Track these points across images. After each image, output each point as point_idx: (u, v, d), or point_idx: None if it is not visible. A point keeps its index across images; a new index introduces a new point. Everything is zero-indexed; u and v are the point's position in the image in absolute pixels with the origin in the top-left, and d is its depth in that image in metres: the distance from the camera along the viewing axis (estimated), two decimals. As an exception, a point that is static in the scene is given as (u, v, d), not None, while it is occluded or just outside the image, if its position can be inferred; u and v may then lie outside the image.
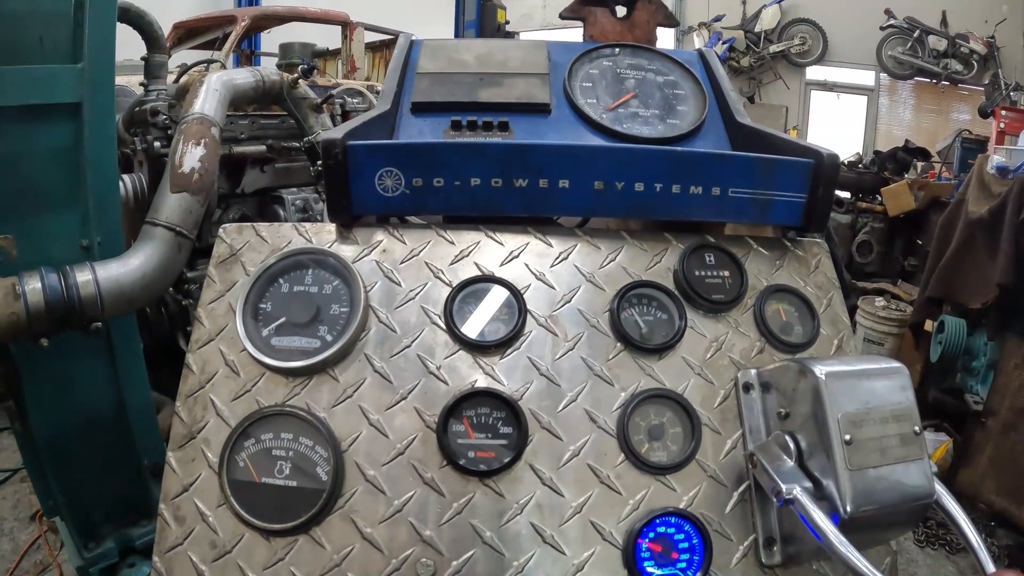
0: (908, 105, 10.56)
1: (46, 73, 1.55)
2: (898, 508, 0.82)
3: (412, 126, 1.22)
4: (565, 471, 0.95)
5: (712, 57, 1.41)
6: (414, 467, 0.93)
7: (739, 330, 1.07)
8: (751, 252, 1.13)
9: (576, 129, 1.24)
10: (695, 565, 0.92)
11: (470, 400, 0.96)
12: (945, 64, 9.44)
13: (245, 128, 2.73)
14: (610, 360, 1.02)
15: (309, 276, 1.02)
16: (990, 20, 9.13)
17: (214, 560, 0.89)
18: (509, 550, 0.90)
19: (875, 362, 0.89)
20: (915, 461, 0.83)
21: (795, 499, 0.82)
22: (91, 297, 1.53)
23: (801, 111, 10.92)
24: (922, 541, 3.20)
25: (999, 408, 3.22)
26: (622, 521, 0.93)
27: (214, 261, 1.06)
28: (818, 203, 1.10)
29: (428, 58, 1.33)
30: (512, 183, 1.04)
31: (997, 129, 6.86)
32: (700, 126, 1.26)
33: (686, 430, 0.99)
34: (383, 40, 6.58)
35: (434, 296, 1.03)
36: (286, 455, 0.92)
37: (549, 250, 1.09)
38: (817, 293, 1.12)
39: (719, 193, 1.07)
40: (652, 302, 1.07)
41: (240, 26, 5.39)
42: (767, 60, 10.60)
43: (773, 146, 1.16)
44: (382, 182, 1.02)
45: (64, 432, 1.81)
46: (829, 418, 0.82)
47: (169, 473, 0.93)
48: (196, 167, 1.77)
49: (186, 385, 0.98)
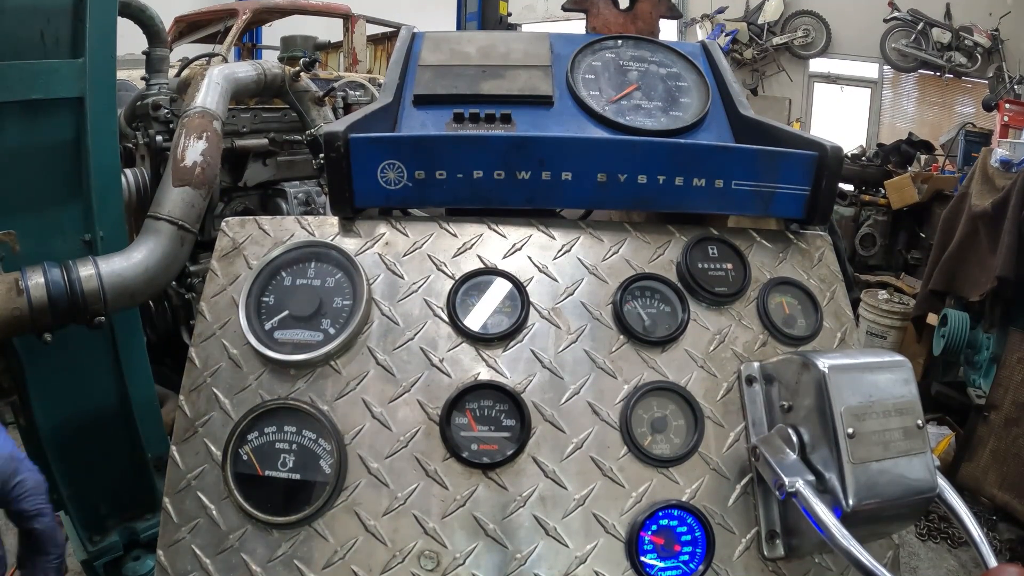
0: (912, 98, 10.52)
1: (47, 68, 1.54)
2: (900, 502, 0.82)
3: (414, 119, 1.22)
4: (568, 464, 0.95)
5: (715, 49, 1.41)
6: (417, 460, 0.93)
7: (742, 323, 1.06)
8: (754, 245, 1.13)
9: (579, 121, 1.23)
10: (697, 558, 0.92)
11: (473, 393, 0.96)
12: (949, 57, 9.40)
13: (247, 121, 2.73)
14: (613, 353, 1.02)
15: (312, 269, 1.02)
16: (994, 13, 9.08)
17: (218, 553, 0.89)
18: (512, 542, 0.90)
19: (878, 355, 0.88)
20: (918, 455, 0.83)
21: (798, 492, 0.82)
22: (94, 291, 1.53)
23: (804, 103, 10.88)
24: (924, 535, 3.21)
25: (1002, 402, 3.22)
26: (625, 514, 0.93)
27: (217, 255, 1.05)
28: (821, 196, 1.09)
29: (430, 50, 1.33)
30: (515, 175, 1.04)
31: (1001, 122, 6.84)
32: (703, 118, 1.26)
33: (689, 423, 0.99)
34: (385, 33, 6.56)
35: (437, 289, 1.03)
36: (289, 448, 0.92)
37: (552, 242, 1.09)
38: (820, 286, 1.11)
39: (722, 185, 1.07)
40: (655, 294, 1.07)
41: (241, 19, 5.37)
42: (770, 52, 10.55)
43: (776, 138, 1.15)
44: (384, 175, 1.02)
45: (68, 426, 1.81)
46: (832, 411, 0.82)
47: (173, 466, 0.93)
48: (198, 161, 1.77)
49: (189, 378, 0.98)
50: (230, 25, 5.39)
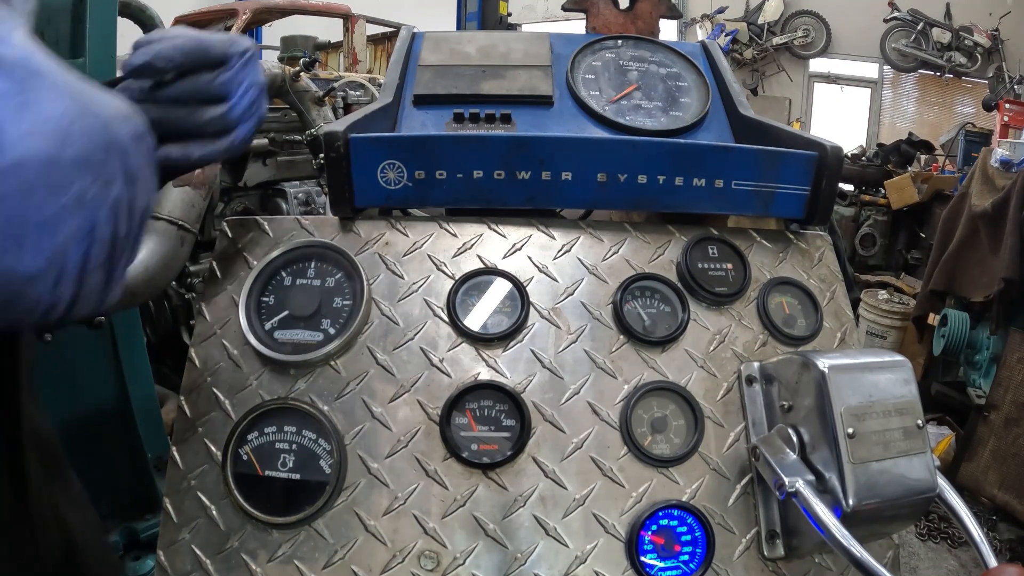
0: (912, 98, 10.53)
1: (47, 67, 1.54)
2: (900, 502, 0.82)
3: (414, 119, 1.22)
4: (568, 464, 0.95)
5: (715, 49, 1.41)
6: (417, 460, 0.93)
7: (742, 323, 1.06)
8: (754, 245, 1.13)
9: (579, 121, 1.23)
10: (697, 558, 0.92)
11: (473, 393, 0.96)
12: (949, 57, 9.41)
13: (247, 122, 2.73)
14: (613, 353, 1.02)
15: (312, 269, 1.02)
16: (994, 13, 9.09)
17: (218, 553, 0.89)
18: (512, 542, 0.90)
19: (878, 355, 0.88)
20: (918, 455, 0.83)
21: (798, 492, 0.82)
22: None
23: (804, 103, 10.89)
24: (924, 535, 3.21)
25: (1002, 402, 3.22)
26: (625, 514, 0.93)
27: (217, 255, 1.05)
28: (821, 196, 1.09)
29: (430, 50, 1.33)
30: (515, 175, 1.04)
31: (1001, 122, 6.85)
32: (703, 118, 1.26)
33: (689, 423, 0.99)
34: (385, 33, 6.56)
35: (437, 289, 1.03)
36: (289, 448, 0.92)
37: (552, 242, 1.09)
38: (820, 286, 1.11)
39: (722, 185, 1.07)
40: (655, 294, 1.07)
41: (241, 19, 5.37)
42: (770, 52, 10.56)
43: (776, 138, 1.15)
44: (384, 175, 1.02)
45: (68, 426, 1.81)
46: (832, 411, 0.82)
47: (173, 466, 0.93)
48: (198, 161, 1.77)
49: (189, 379, 0.98)
50: (230, 25, 5.38)
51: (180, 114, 0.72)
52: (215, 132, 0.74)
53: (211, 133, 0.74)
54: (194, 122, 0.72)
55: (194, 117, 0.72)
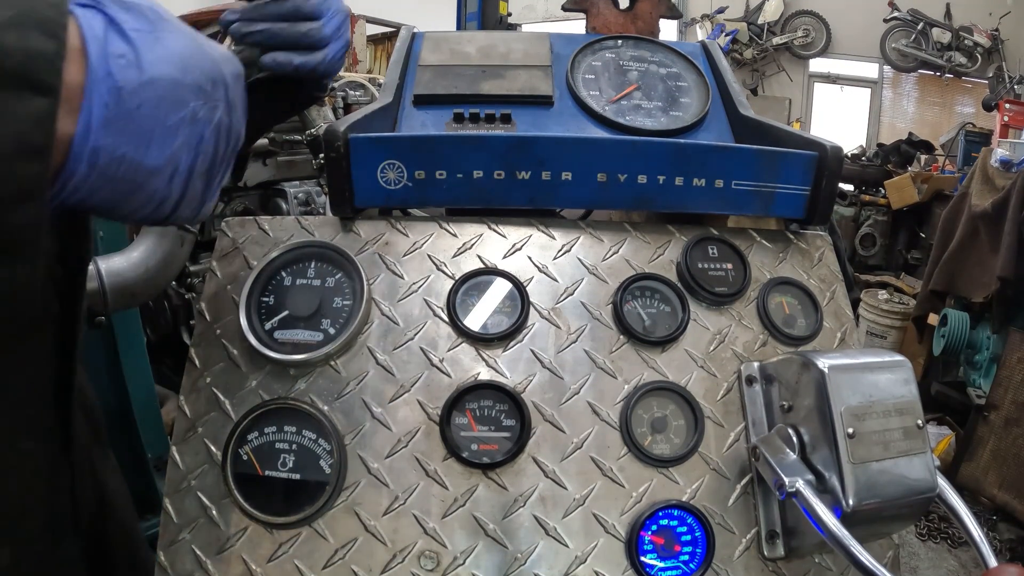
0: (912, 98, 10.53)
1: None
2: (900, 502, 0.82)
3: (414, 119, 1.22)
4: (568, 464, 0.95)
5: (715, 49, 1.41)
6: (417, 460, 0.93)
7: (742, 323, 1.06)
8: (754, 245, 1.13)
9: (579, 121, 1.23)
10: (697, 558, 0.92)
11: (473, 393, 0.96)
12: (949, 57, 9.40)
13: (247, 122, 2.73)
14: (613, 353, 1.02)
15: (312, 269, 1.02)
16: (994, 13, 9.09)
17: (218, 553, 0.89)
18: (512, 542, 0.90)
19: (878, 355, 0.88)
20: (918, 455, 0.83)
21: (798, 492, 0.82)
22: (94, 291, 1.53)
23: (804, 103, 10.89)
24: (924, 535, 3.21)
25: (1002, 402, 3.22)
26: (625, 514, 0.93)
27: (216, 255, 1.05)
28: (821, 196, 1.09)
29: (430, 50, 1.33)
30: (515, 175, 1.04)
31: (1001, 122, 6.85)
32: (703, 118, 1.26)
33: (689, 423, 0.99)
34: (385, 33, 6.56)
35: (437, 289, 1.03)
36: (289, 448, 0.92)
37: (552, 242, 1.09)
38: (820, 286, 1.11)
39: (722, 185, 1.07)
40: (655, 294, 1.07)
41: (241, 19, 5.36)
42: (770, 52, 10.56)
43: (776, 138, 1.15)
44: (384, 175, 1.02)
45: (68, 426, 1.81)
46: (832, 411, 0.82)
47: (173, 467, 0.93)
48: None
49: (189, 379, 0.98)
50: (230, 25, 5.37)
51: (283, 26, 0.86)
52: (310, 45, 0.88)
53: (306, 46, 0.88)
54: (294, 33, 0.87)
55: (294, 29, 0.87)
